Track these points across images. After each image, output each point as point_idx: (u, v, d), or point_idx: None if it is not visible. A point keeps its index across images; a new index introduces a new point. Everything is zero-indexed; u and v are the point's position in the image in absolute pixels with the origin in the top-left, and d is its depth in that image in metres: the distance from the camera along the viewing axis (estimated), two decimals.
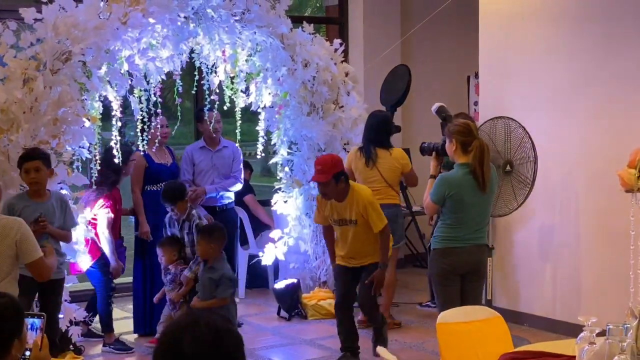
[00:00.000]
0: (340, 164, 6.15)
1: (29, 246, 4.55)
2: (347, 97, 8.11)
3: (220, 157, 7.66)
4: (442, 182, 5.54)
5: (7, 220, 4.58)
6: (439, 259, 5.60)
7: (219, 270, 6.23)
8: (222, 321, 2.14)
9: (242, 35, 7.53)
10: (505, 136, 6.48)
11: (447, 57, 10.32)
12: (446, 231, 5.57)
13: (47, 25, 6.32)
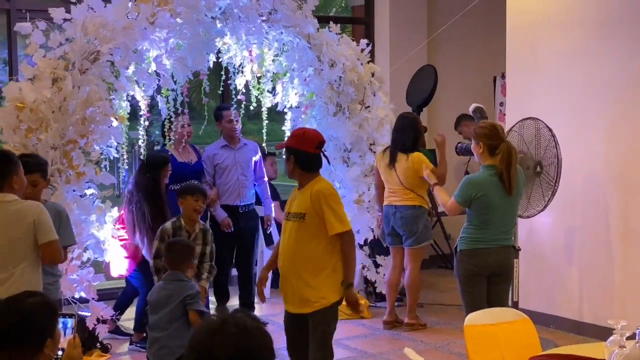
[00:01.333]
0: (300, 141, 5.01)
1: (44, 227, 4.53)
2: (374, 97, 8.10)
3: (242, 154, 7.64)
4: (469, 184, 5.54)
5: (22, 205, 4.56)
6: (465, 260, 5.58)
7: None
8: (251, 320, 2.14)
9: (269, 36, 7.55)
10: (535, 137, 6.45)
11: (474, 58, 10.28)
12: (472, 232, 5.56)
13: (76, 25, 6.37)
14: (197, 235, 6.03)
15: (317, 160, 5.03)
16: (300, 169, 4.98)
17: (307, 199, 4.90)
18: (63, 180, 6.25)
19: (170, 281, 5.23)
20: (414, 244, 7.29)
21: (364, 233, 8.03)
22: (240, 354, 2.05)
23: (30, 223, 4.50)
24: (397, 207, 7.28)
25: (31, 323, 2.80)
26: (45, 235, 4.54)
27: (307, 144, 4.96)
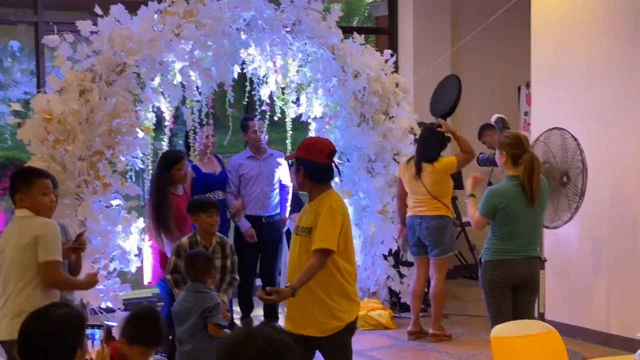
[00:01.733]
0: (309, 151, 4.72)
1: (44, 245, 4.35)
2: (397, 107, 8.10)
3: (267, 165, 7.66)
4: (492, 196, 5.53)
5: (30, 221, 4.46)
6: (489, 271, 5.56)
7: None
8: (277, 333, 2.15)
9: (293, 46, 7.58)
10: (561, 147, 6.43)
11: (498, 67, 10.26)
12: (497, 243, 5.54)
13: (103, 37, 6.43)
14: (214, 249, 5.96)
15: (328, 171, 4.72)
16: (310, 181, 4.68)
17: (314, 213, 4.62)
18: (90, 191, 6.30)
19: (191, 293, 5.28)
20: (440, 254, 7.27)
21: (388, 243, 8.03)
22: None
23: (32, 238, 4.37)
24: (423, 217, 7.27)
25: (61, 334, 2.82)
26: (43, 254, 4.35)
27: (317, 154, 4.68)
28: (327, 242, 4.51)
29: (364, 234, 8.15)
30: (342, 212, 4.64)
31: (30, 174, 4.61)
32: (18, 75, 12.89)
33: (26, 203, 4.46)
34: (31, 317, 2.90)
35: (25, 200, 4.47)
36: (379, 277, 8.13)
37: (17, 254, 4.37)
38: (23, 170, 4.74)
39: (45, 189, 4.54)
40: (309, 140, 4.98)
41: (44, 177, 4.61)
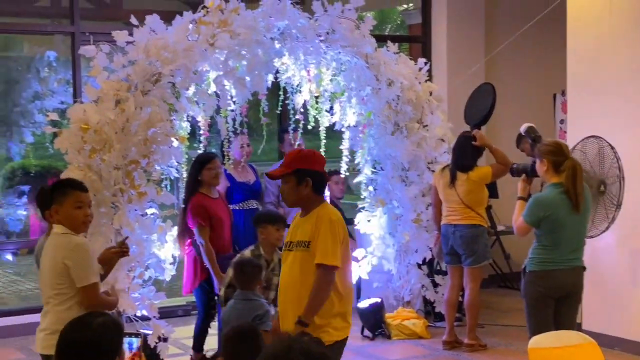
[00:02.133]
0: (312, 161, 4.57)
1: (78, 272, 4.20)
2: (432, 116, 8.08)
3: None
4: (537, 204, 5.45)
5: (59, 240, 4.30)
6: (534, 281, 5.47)
7: None
8: (315, 346, 2.14)
9: (327, 55, 7.58)
10: (598, 156, 6.36)
11: (533, 75, 10.20)
12: (542, 253, 5.45)
13: (139, 47, 6.48)
14: (275, 265, 5.85)
15: (326, 182, 4.69)
16: (314, 192, 4.50)
17: (312, 226, 4.41)
18: (125, 200, 6.34)
19: (239, 300, 5.33)
20: (474, 263, 7.23)
21: (422, 252, 8.00)
22: None
23: (62, 265, 4.23)
24: (457, 226, 7.23)
25: (99, 342, 2.84)
26: (79, 281, 4.22)
27: (319, 163, 4.58)
28: (331, 257, 4.32)
29: (397, 243, 8.13)
30: (342, 225, 4.47)
31: (66, 186, 4.43)
32: (55, 85, 13.03)
33: (60, 215, 4.32)
34: (70, 325, 2.92)
35: (59, 212, 4.33)
36: (413, 286, 8.10)
37: (52, 274, 4.26)
38: (61, 182, 4.57)
39: (78, 202, 4.35)
40: (305, 151, 4.75)
41: (79, 189, 4.39)
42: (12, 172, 13.83)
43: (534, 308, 5.48)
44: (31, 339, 7.59)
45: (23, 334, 7.81)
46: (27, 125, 13.89)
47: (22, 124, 14.00)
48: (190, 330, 7.13)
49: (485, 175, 7.21)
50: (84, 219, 4.36)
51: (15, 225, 13.08)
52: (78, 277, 4.20)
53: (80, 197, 4.36)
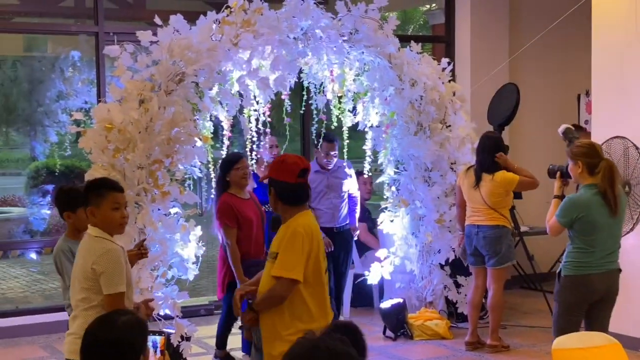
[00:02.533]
0: (278, 169, 4.38)
1: (107, 279, 4.09)
2: (455, 116, 8.05)
3: (334, 178, 7.72)
4: (571, 204, 5.37)
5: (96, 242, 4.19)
6: (570, 286, 5.37)
7: None
8: (341, 345, 2.13)
9: (350, 55, 7.58)
10: (623, 156, 6.31)
11: (557, 75, 10.14)
12: (577, 257, 5.36)
13: (162, 47, 6.50)
14: None
15: (301, 191, 4.35)
16: (282, 203, 4.33)
17: (282, 236, 4.29)
18: (149, 199, 6.36)
19: None
20: (497, 264, 7.19)
21: (445, 253, 7.98)
22: None
23: (92, 270, 4.13)
24: (480, 226, 7.20)
25: (124, 341, 2.85)
26: (106, 288, 4.12)
27: (287, 173, 4.31)
28: (287, 270, 4.16)
29: (420, 243, 8.11)
30: (308, 237, 4.22)
31: (102, 186, 4.24)
32: (79, 85, 13.11)
33: (97, 218, 4.15)
34: (95, 323, 2.94)
35: (96, 214, 4.15)
36: (435, 287, 8.08)
37: (81, 278, 4.20)
38: (96, 183, 4.35)
39: (116, 203, 4.20)
40: (280, 158, 4.51)
41: (116, 190, 4.24)
42: (37, 171, 13.95)
43: (565, 312, 5.37)
44: (55, 337, 7.68)
45: (47, 332, 7.86)
46: (51, 125, 14.00)
47: (46, 123, 14.12)
48: (213, 329, 7.16)
49: (511, 180, 7.13)
50: (121, 220, 4.23)
51: (39, 224, 13.19)
52: (105, 283, 4.10)
53: (117, 198, 4.22)
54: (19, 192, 14.48)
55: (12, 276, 12.00)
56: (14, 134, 16.23)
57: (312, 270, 4.23)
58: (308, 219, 4.34)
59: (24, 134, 15.52)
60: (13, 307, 9.60)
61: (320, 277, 4.29)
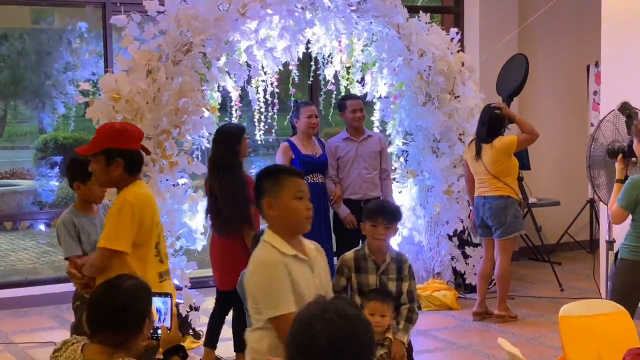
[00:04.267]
0: (125, 138, 4.04)
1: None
2: (463, 87, 8.01)
3: (365, 147, 7.28)
4: (633, 186, 5.12)
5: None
6: (626, 270, 5.19)
7: None
8: (351, 308, 2.14)
9: (358, 26, 7.55)
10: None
11: (566, 46, 10.08)
12: (635, 240, 5.15)
13: (170, 17, 6.48)
14: (388, 266, 4.78)
15: (141, 159, 4.13)
16: (127, 173, 4.02)
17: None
18: (157, 170, 6.37)
19: None
20: (503, 235, 7.17)
21: (453, 224, 7.98)
22: (341, 341, 2.05)
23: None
24: (486, 197, 7.19)
25: (131, 304, 2.87)
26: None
27: (133, 140, 4.06)
28: (110, 240, 3.94)
29: (428, 214, 8.11)
30: (140, 206, 3.98)
31: (281, 171, 3.46)
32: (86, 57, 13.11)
33: (275, 210, 3.35)
34: (100, 288, 2.96)
35: (274, 206, 3.35)
36: (443, 258, 8.09)
37: None
38: (269, 170, 3.52)
39: (299, 192, 3.38)
40: (117, 126, 4.15)
41: (297, 175, 3.45)
42: (45, 144, 13.99)
43: (619, 297, 5.05)
44: (64, 308, 7.72)
45: (56, 302, 7.91)
46: (58, 96, 14.02)
47: (53, 95, 14.12)
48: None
49: (510, 143, 7.10)
50: (307, 213, 3.39)
51: (47, 196, 13.25)
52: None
53: (300, 185, 3.42)
54: (27, 164, 14.54)
55: (21, 248, 12.08)
56: (22, 107, 16.26)
57: (144, 241, 4.01)
58: (142, 188, 4.11)
59: (31, 107, 15.55)
60: (22, 278, 9.66)
61: (149, 249, 4.05)
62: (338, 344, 2.04)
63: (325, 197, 7.11)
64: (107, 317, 2.85)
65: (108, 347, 2.84)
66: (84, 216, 4.82)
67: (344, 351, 2.04)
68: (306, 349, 2.05)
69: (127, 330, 2.86)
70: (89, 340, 2.91)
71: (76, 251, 4.71)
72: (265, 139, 7.85)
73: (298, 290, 3.21)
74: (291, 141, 7.02)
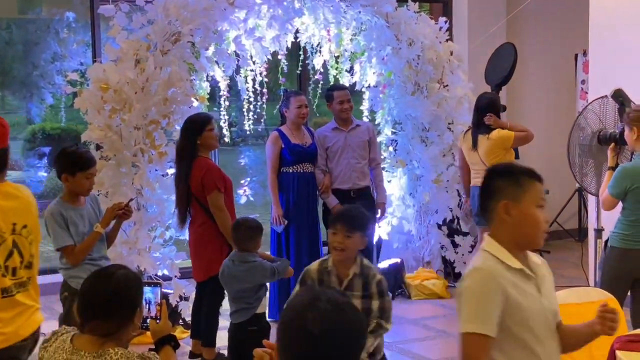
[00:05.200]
0: (4, 135, 3.66)
1: None
2: (452, 76, 8.02)
3: (354, 136, 7.19)
4: (624, 174, 5.08)
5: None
6: (613, 258, 5.17)
7: None
8: (341, 296, 2.15)
9: (347, 15, 7.54)
10: (615, 116, 6.27)
11: (554, 35, 10.10)
12: (628, 229, 5.10)
13: (158, 6, 6.46)
14: (351, 282, 4.22)
15: (7, 156, 3.71)
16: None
17: None
18: (146, 160, 6.36)
19: (239, 262, 5.18)
20: None
21: (442, 213, 8.00)
22: (334, 328, 2.06)
23: None
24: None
25: (123, 293, 2.88)
26: None
27: (4, 137, 3.67)
28: None
29: (417, 203, 8.13)
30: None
31: (522, 174, 2.95)
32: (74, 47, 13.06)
33: (513, 216, 2.89)
34: (92, 277, 2.95)
35: (512, 211, 2.89)
36: (433, 247, 8.11)
37: None
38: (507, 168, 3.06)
39: (541, 199, 2.94)
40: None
41: (538, 180, 2.95)
42: (33, 134, 13.94)
43: (608, 285, 5.00)
44: (54, 299, 7.68)
45: (46, 293, 7.82)
46: (46, 87, 13.97)
47: (41, 85, 14.07)
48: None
49: (507, 137, 7.11)
50: (545, 226, 2.95)
51: (36, 187, 13.21)
52: None
53: (542, 192, 2.96)
54: (15, 155, 14.49)
55: None
56: (10, 98, 16.19)
57: None
58: (8, 187, 3.67)
59: (19, 98, 15.49)
60: None
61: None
62: (330, 331, 2.05)
63: (315, 187, 7.11)
64: (99, 306, 2.84)
65: (99, 337, 2.83)
66: (72, 208, 4.84)
67: (336, 338, 2.06)
68: (298, 336, 2.06)
69: (119, 319, 2.86)
70: (78, 331, 2.91)
71: (68, 241, 4.74)
72: (255, 128, 7.84)
73: (520, 313, 2.84)
74: (281, 130, 6.99)
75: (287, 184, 6.93)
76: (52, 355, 2.89)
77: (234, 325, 5.25)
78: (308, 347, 2.05)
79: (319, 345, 2.04)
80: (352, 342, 2.09)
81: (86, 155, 4.87)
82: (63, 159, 4.83)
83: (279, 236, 6.99)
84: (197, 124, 5.89)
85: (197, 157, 5.83)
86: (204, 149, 5.89)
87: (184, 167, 5.84)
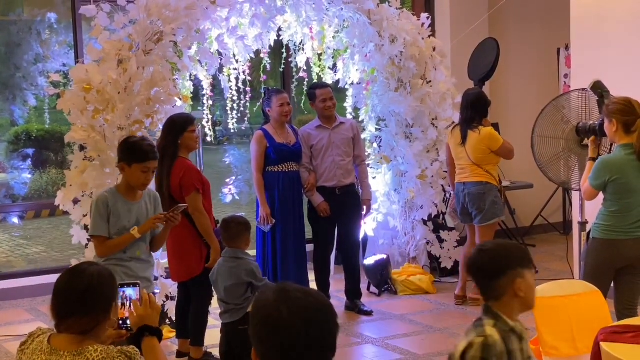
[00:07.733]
0: None
1: None
2: (435, 71, 8.04)
3: (338, 134, 7.18)
4: (603, 166, 5.10)
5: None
6: (597, 249, 5.16)
7: None
8: (307, 287, 2.20)
9: (329, 12, 7.55)
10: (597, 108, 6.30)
11: (536, 29, 10.14)
12: (608, 220, 5.10)
13: (140, 6, 6.44)
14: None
15: None
16: None
17: None
18: None
19: (228, 258, 5.30)
20: (482, 221, 7.18)
21: (427, 208, 8.02)
22: (311, 314, 2.09)
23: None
24: (466, 184, 7.21)
25: (97, 287, 2.86)
26: None
27: None
28: None
29: (402, 199, 8.15)
30: None
31: None
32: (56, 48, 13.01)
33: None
34: (65, 275, 2.94)
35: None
36: (418, 242, 8.13)
37: None
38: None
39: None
40: None
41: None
42: (17, 136, 13.88)
43: (591, 276, 5.02)
44: (39, 300, 7.69)
45: (31, 295, 7.88)
46: (29, 88, 13.91)
47: (24, 87, 14.01)
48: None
49: (496, 139, 7.08)
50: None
51: (20, 189, 13.17)
52: None
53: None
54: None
55: None
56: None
57: None
58: None
59: (2, 100, 15.44)
60: None
61: None
62: (309, 318, 2.08)
63: (300, 185, 7.11)
64: (75, 301, 2.83)
65: (76, 335, 2.82)
66: (122, 199, 4.76)
67: (317, 322, 2.09)
68: (279, 332, 2.08)
69: (95, 315, 2.83)
70: (55, 331, 2.89)
71: (102, 232, 4.68)
72: (239, 127, 7.84)
73: None
74: (265, 130, 6.97)
75: (273, 183, 6.92)
76: (30, 357, 2.88)
77: (225, 325, 5.30)
78: (292, 338, 2.07)
79: (302, 333, 2.07)
80: (330, 319, 2.13)
81: (146, 147, 4.77)
82: (123, 148, 4.81)
83: (264, 235, 6.99)
84: (179, 124, 5.88)
85: (177, 158, 5.82)
86: (183, 150, 5.88)
87: (165, 166, 5.77)
